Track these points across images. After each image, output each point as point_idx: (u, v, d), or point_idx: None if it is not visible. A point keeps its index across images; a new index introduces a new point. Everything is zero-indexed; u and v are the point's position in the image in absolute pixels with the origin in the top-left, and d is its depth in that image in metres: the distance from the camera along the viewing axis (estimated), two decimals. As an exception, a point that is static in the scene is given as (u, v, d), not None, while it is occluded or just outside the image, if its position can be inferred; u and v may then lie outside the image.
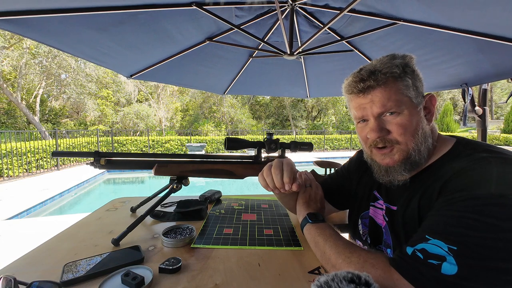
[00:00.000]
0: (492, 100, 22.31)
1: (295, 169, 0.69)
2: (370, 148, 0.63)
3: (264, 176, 0.69)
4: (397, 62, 0.57)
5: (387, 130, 0.58)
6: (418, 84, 0.58)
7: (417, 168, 0.59)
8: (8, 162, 6.18)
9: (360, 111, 0.60)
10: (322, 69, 2.55)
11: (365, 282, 0.35)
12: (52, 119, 16.30)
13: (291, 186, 0.65)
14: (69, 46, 1.49)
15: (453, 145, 0.59)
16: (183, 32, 1.65)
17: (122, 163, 0.85)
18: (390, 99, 0.56)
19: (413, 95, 0.57)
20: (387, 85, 0.56)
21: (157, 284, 0.53)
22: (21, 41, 11.84)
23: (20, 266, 0.60)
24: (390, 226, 0.62)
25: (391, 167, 0.60)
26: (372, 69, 0.57)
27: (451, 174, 0.51)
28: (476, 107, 2.23)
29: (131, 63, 1.91)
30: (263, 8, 1.64)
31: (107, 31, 1.41)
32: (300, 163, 8.64)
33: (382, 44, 1.79)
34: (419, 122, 0.57)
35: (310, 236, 0.65)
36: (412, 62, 0.59)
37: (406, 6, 1.29)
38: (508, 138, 14.95)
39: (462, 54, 1.61)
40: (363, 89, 0.58)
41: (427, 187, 0.55)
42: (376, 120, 0.58)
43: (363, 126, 0.63)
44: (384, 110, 0.57)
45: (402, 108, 0.56)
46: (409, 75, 0.57)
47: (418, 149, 0.57)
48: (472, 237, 0.41)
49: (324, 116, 21.43)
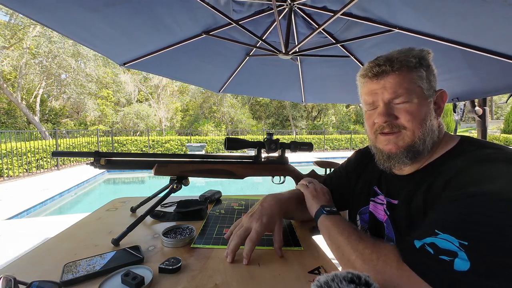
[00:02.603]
0: (492, 100, 22.30)
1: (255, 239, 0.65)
2: (375, 134, 0.63)
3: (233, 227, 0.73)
4: (414, 53, 0.58)
5: (395, 115, 0.58)
6: (431, 78, 0.59)
7: (419, 158, 0.59)
8: (8, 162, 6.18)
9: (371, 97, 0.61)
10: (318, 75, 2.55)
11: (365, 282, 0.35)
12: (52, 119, 16.31)
13: (230, 258, 0.62)
14: (60, 25, 1.43)
15: (457, 142, 0.59)
16: (178, 22, 1.62)
17: (122, 163, 0.86)
18: (402, 86, 0.56)
19: (425, 87, 0.57)
20: (401, 72, 0.57)
21: (157, 284, 0.53)
22: (21, 41, 11.85)
23: (20, 266, 0.60)
24: (391, 221, 0.62)
25: (393, 153, 0.60)
26: (389, 57, 0.59)
27: (456, 170, 0.50)
28: (476, 107, 2.22)
29: (124, 50, 1.86)
30: (262, 5, 1.63)
31: (100, 12, 1.35)
32: (300, 163, 8.63)
33: (378, 52, 1.79)
34: (428, 113, 0.58)
35: (324, 228, 0.64)
36: (429, 56, 0.60)
37: (402, 13, 1.31)
38: (508, 138, 14.94)
39: (454, 69, 1.64)
40: (377, 73, 0.59)
41: (431, 182, 0.55)
42: (386, 105, 0.59)
43: (372, 112, 0.63)
44: (395, 97, 0.57)
45: (413, 97, 0.56)
46: (424, 68, 0.58)
47: (423, 139, 0.57)
48: (483, 232, 0.41)
49: (324, 116, 21.43)
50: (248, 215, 0.70)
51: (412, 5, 1.21)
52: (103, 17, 1.41)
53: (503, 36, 1.17)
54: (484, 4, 0.93)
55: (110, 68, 16.40)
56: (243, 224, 0.68)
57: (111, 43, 1.74)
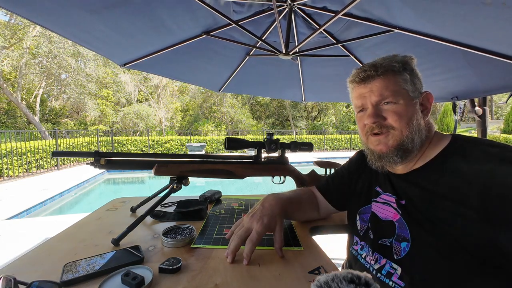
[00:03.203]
0: (492, 101, 22.32)
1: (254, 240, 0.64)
2: (366, 135, 0.66)
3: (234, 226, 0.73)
4: (397, 59, 0.63)
5: (383, 117, 0.62)
6: (416, 81, 0.63)
7: (410, 156, 0.62)
8: (8, 162, 6.18)
9: (360, 100, 0.65)
10: (318, 74, 2.55)
11: (365, 282, 0.35)
12: (52, 119, 16.31)
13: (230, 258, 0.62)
14: (60, 27, 1.43)
15: (451, 140, 0.61)
16: (179, 23, 1.62)
17: (122, 163, 0.86)
18: (387, 89, 0.60)
19: (410, 89, 0.61)
20: (386, 76, 0.61)
21: (157, 284, 0.53)
22: (21, 41, 11.85)
23: (20, 266, 0.60)
24: (406, 220, 0.61)
25: (384, 153, 0.63)
26: (374, 63, 0.63)
27: (487, 177, 0.49)
28: (476, 107, 2.22)
29: (124, 51, 1.87)
30: (262, 6, 1.63)
31: (99, 14, 1.36)
32: (300, 163, 8.63)
33: (378, 51, 1.81)
34: (414, 113, 0.61)
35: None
36: (412, 62, 0.64)
37: (402, 14, 1.31)
38: (508, 138, 14.94)
39: (453, 68, 1.64)
40: (364, 79, 0.63)
41: (437, 180, 0.56)
42: (374, 107, 0.63)
43: (362, 115, 0.67)
44: (382, 99, 0.61)
45: (399, 98, 0.60)
46: (408, 71, 0.62)
47: (411, 138, 0.60)
48: None
49: (324, 116, 21.44)
50: (249, 215, 0.70)
51: (412, 6, 1.21)
52: (103, 19, 1.41)
53: (503, 36, 1.17)
54: (483, 6, 0.93)
55: (110, 68, 16.41)
56: (244, 225, 0.68)
57: (111, 44, 1.74)
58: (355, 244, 0.73)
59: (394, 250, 0.60)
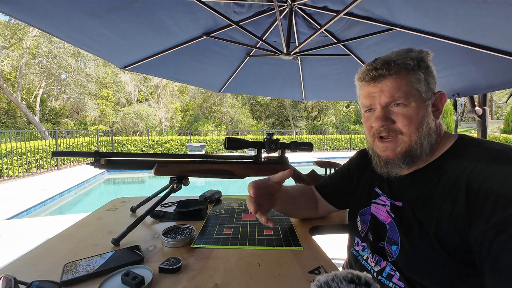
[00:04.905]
0: (492, 101, 22.32)
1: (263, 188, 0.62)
2: (373, 138, 0.62)
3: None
4: (412, 55, 0.57)
5: (392, 120, 0.58)
6: (430, 80, 0.58)
7: (417, 162, 0.59)
8: (8, 162, 6.18)
9: (369, 100, 0.61)
10: (318, 72, 2.55)
11: (365, 282, 0.35)
12: (52, 119, 16.30)
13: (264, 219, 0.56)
14: (61, 31, 1.43)
15: (456, 141, 0.59)
16: (180, 24, 1.62)
17: (122, 163, 0.85)
18: (399, 90, 0.56)
19: (423, 90, 0.57)
20: (399, 75, 0.56)
21: (157, 284, 0.53)
22: (21, 41, 11.85)
23: (20, 266, 0.60)
24: (397, 223, 0.61)
25: (390, 159, 0.60)
26: (387, 59, 0.57)
27: (475, 171, 0.49)
28: (476, 107, 2.22)
29: (125, 54, 1.87)
30: (262, 6, 1.64)
31: (101, 18, 1.36)
32: (300, 163, 8.63)
33: (379, 50, 1.80)
34: (425, 116, 0.57)
35: None
36: (428, 58, 0.59)
37: (403, 13, 1.31)
38: (508, 138, 14.93)
39: (455, 64, 1.63)
40: (374, 77, 0.58)
41: (436, 182, 0.55)
42: (383, 109, 0.58)
43: (369, 115, 0.62)
44: (392, 100, 0.57)
45: (410, 100, 0.56)
46: (423, 70, 0.57)
47: (420, 143, 0.57)
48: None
49: (324, 116, 21.42)
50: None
51: (413, 4, 1.21)
52: (104, 23, 1.42)
53: (506, 34, 1.16)
54: (485, 4, 0.93)
55: (110, 68, 16.39)
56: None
57: (112, 48, 1.74)
58: (356, 245, 0.73)
59: (387, 252, 0.61)
